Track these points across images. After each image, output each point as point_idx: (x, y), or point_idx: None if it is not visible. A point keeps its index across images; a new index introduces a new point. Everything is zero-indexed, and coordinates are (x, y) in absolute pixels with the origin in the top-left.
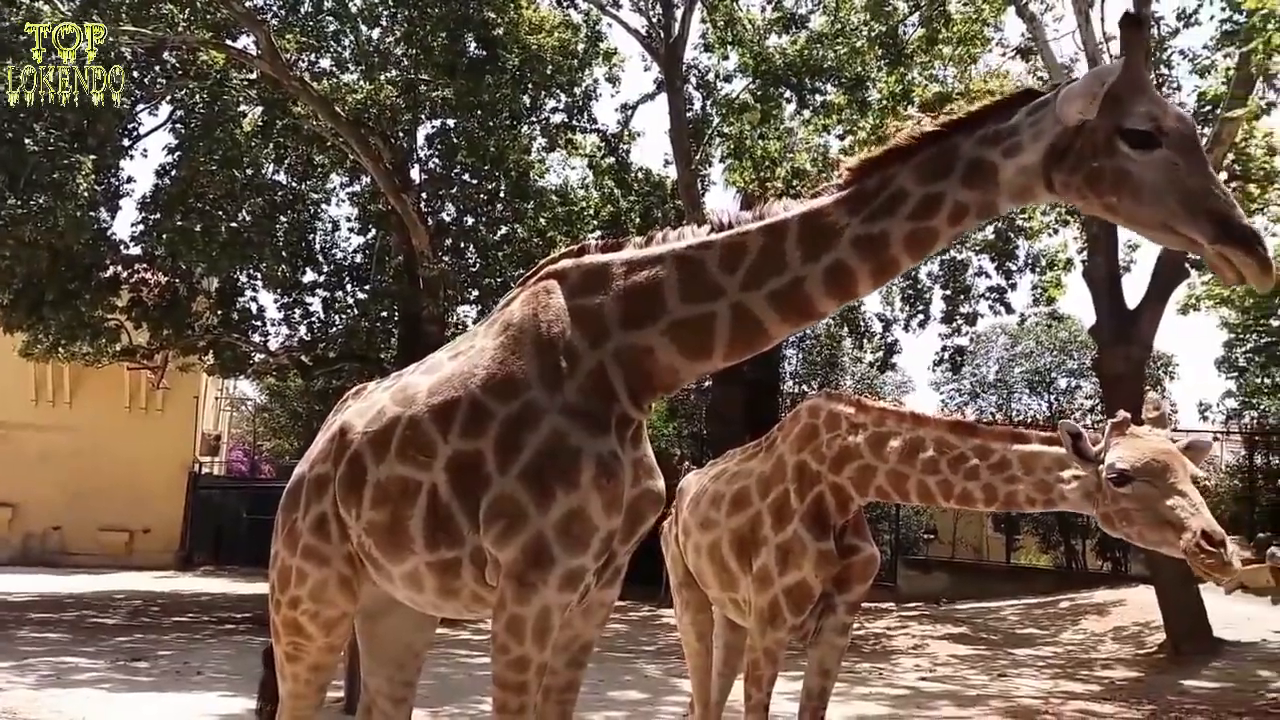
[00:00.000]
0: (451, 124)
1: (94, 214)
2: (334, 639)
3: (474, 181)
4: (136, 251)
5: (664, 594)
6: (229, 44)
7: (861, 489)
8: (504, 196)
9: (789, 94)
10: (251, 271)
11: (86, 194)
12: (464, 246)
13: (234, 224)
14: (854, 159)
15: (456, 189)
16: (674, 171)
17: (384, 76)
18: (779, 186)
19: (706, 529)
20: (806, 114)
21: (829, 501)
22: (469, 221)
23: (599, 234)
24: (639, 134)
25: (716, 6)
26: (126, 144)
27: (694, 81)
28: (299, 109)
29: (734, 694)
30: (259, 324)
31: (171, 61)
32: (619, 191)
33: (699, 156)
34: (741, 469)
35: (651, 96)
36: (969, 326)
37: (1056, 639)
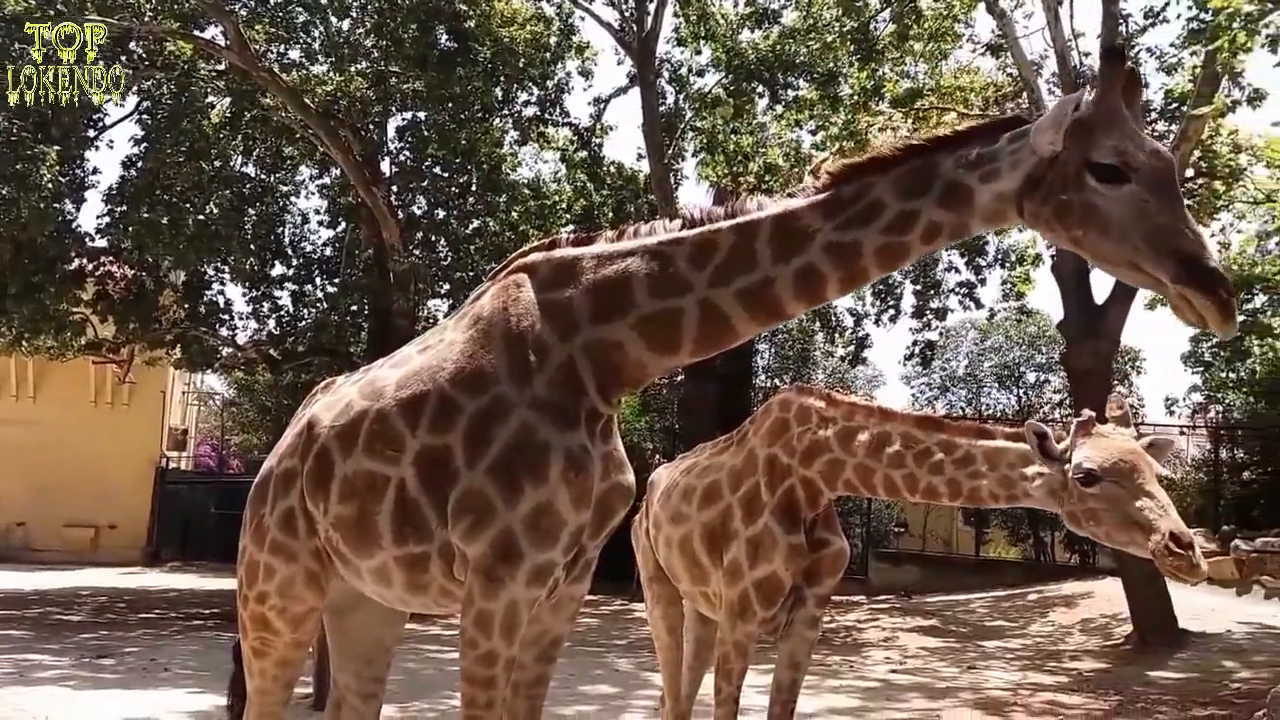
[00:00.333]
0: (422, 116)
1: (58, 206)
2: (301, 634)
3: (445, 174)
4: (102, 244)
5: (635, 588)
6: (197, 34)
7: (831, 483)
8: (475, 190)
9: (761, 89)
10: (219, 265)
11: (50, 185)
12: (435, 240)
13: (201, 216)
14: (834, 164)
15: (427, 182)
16: (647, 166)
17: (354, 68)
18: (752, 181)
19: (677, 523)
20: (779, 109)
21: (799, 495)
22: (440, 215)
23: (571, 228)
24: (612, 128)
25: (689, 1)
26: (92, 135)
27: (667, 76)
28: (268, 100)
29: (705, 687)
30: (227, 318)
31: (138, 52)
32: (591, 185)
33: (672, 151)
34: (712, 463)
35: (624, 90)
36: (939, 321)
37: (1025, 631)
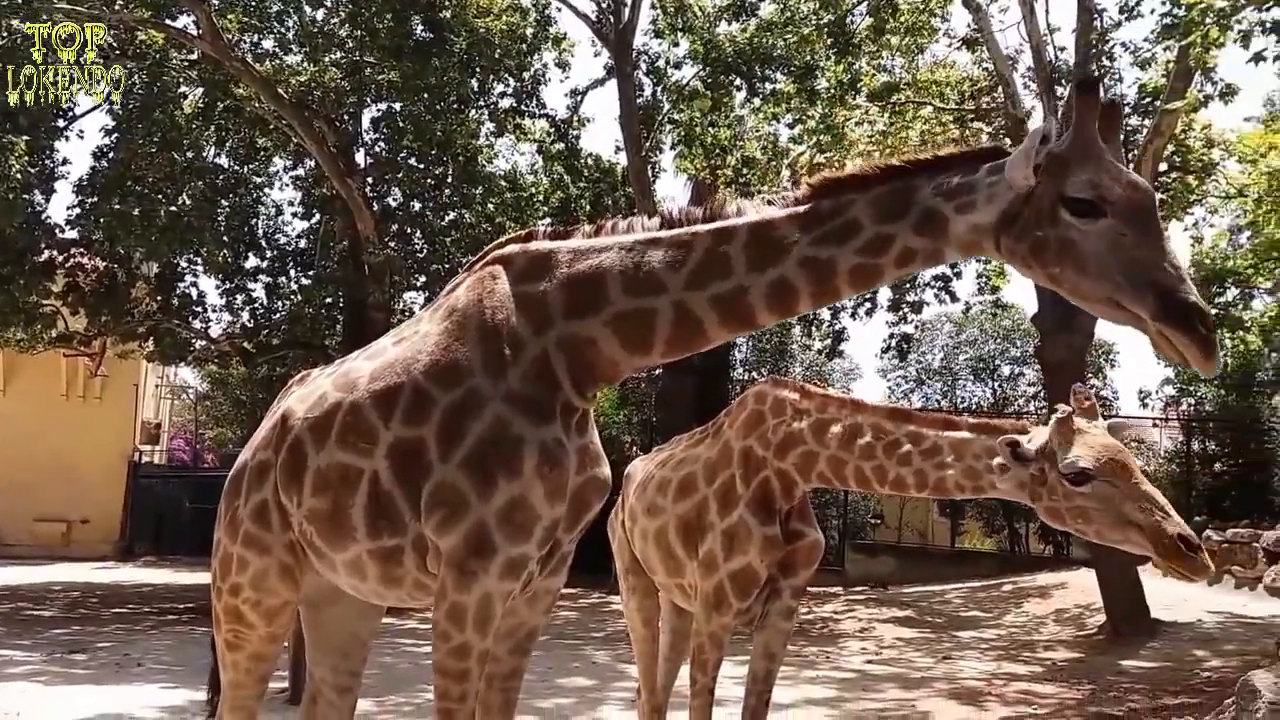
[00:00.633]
0: (398, 107)
1: (27, 197)
2: (275, 628)
3: (421, 166)
4: (73, 235)
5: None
6: (168, 23)
7: (805, 474)
8: (451, 181)
9: (739, 82)
10: (192, 256)
11: (19, 176)
12: (410, 232)
13: (174, 208)
14: (815, 177)
15: (403, 173)
16: (624, 158)
17: (328, 58)
18: (729, 174)
19: (653, 515)
20: (756, 102)
21: (774, 487)
22: (415, 207)
23: (548, 220)
24: (589, 120)
25: None
26: (61, 125)
27: (644, 68)
28: (241, 91)
29: (681, 679)
30: (200, 310)
31: (109, 40)
32: (569, 178)
33: (649, 143)
34: (688, 455)
35: (601, 82)
36: (915, 315)
37: (999, 621)
